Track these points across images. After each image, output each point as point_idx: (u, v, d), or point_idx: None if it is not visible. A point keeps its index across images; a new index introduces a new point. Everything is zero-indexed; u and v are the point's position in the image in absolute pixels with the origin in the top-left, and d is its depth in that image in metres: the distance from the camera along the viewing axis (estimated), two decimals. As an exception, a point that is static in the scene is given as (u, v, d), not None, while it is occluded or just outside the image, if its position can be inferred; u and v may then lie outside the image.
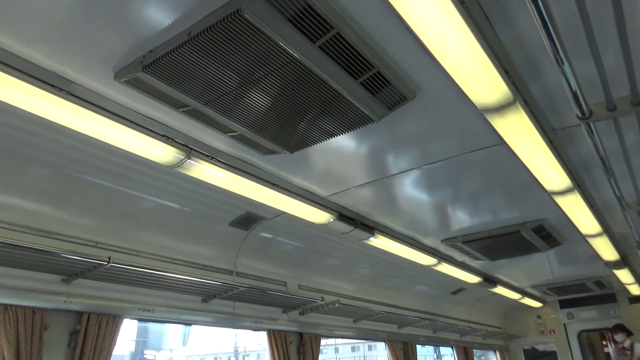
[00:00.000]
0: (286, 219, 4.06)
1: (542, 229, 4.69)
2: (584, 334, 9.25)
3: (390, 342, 6.33)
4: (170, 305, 3.77)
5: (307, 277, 5.14)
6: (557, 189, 3.41)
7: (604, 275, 7.35)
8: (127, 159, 2.97)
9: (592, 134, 2.05)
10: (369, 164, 3.51)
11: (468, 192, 4.20)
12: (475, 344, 8.54)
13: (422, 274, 6.22)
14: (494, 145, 3.13)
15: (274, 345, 4.54)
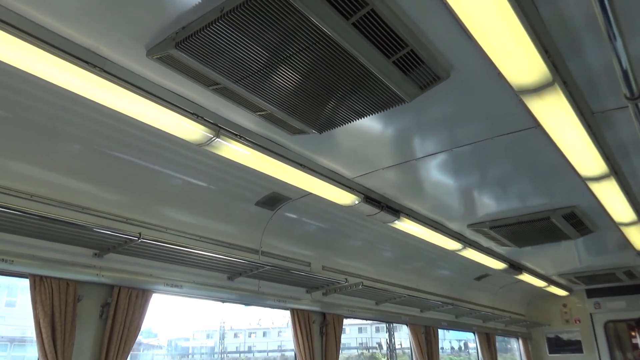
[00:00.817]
0: (312, 199, 4.06)
1: (574, 216, 4.59)
2: (610, 324, 9.08)
3: (412, 325, 6.33)
4: (197, 282, 3.84)
5: (330, 258, 5.16)
6: (592, 174, 3.32)
7: (635, 265, 7.17)
8: (157, 137, 3.01)
9: (639, 116, 1.96)
10: (396, 146, 3.47)
11: (497, 176, 4.12)
12: (498, 330, 8.48)
13: (446, 258, 6.17)
14: (527, 129, 3.05)
15: (297, 325, 4.60)
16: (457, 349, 14.38)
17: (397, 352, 8.42)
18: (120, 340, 3.18)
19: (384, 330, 18.86)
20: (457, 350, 14.48)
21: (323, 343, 4.86)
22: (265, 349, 24.29)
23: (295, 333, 4.59)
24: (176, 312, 29.69)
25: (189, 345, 23.78)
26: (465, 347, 12.77)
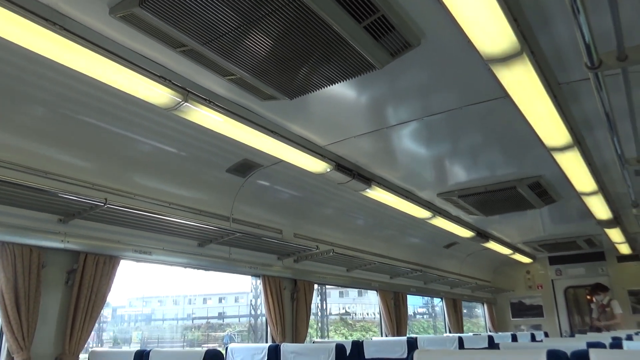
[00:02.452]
0: (283, 167, 4.05)
1: (539, 185, 4.71)
2: (570, 289, 9.51)
3: (382, 291, 6.49)
4: (166, 249, 3.82)
5: (302, 225, 5.19)
6: (557, 145, 3.40)
7: (595, 234, 7.46)
8: (124, 100, 2.92)
9: (600, 88, 2.00)
10: (368, 114, 3.47)
11: (467, 146, 4.18)
12: (464, 296, 8.77)
13: (416, 226, 6.29)
14: (496, 99, 3.08)
15: (268, 291, 4.65)
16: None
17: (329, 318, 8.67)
18: (87, 306, 3.16)
19: (366, 294, 19.24)
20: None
21: (294, 308, 4.94)
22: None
23: (266, 299, 4.65)
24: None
25: (124, 312, 23.89)
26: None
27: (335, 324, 20.68)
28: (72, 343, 3.07)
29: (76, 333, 3.08)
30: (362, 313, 23.10)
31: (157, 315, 25.25)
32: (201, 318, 23.95)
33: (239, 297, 23.44)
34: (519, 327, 9.43)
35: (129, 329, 23.40)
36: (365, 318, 22.62)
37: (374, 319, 21.42)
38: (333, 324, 20.12)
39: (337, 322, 21.39)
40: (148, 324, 24.31)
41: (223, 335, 20.76)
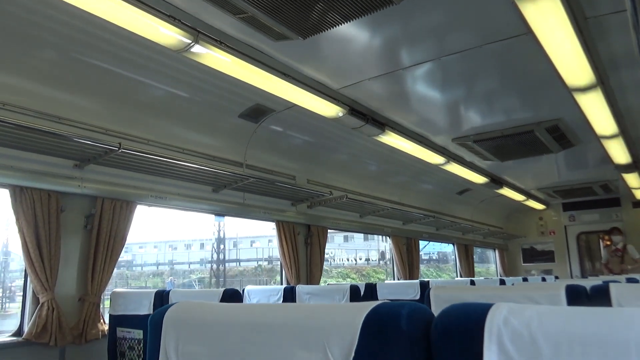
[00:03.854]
0: (296, 111, 3.99)
1: (557, 129, 4.60)
2: (582, 235, 9.52)
3: (395, 237, 6.55)
4: (181, 194, 3.85)
5: (315, 171, 5.19)
6: (579, 85, 3.28)
7: (611, 179, 7.37)
8: (135, 44, 2.85)
9: (637, 21, 1.88)
10: (382, 55, 3.36)
11: (483, 88, 4.06)
12: (476, 242, 8.84)
13: (430, 173, 6.25)
14: (518, 36, 2.94)
15: (282, 236, 4.71)
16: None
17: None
18: (107, 250, 3.23)
19: (372, 238, 19.35)
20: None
21: (308, 253, 5.01)
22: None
23: (280, 244, 4.72)
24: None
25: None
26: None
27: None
28: (94, 284, 3.16)
29: (97, 275, 3.17)
30: (343, 259, 23.09)
31: (137, 261, 25.87)
32: (163, 264, 24.41)
33: (205, 244, 23.61)
34: (530, 272, 9.54)
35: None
36: (344, 264, 22.65)
37: (354, 265, 21.57)
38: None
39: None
40: (130, 270, 25.08)
41: (184, 281, 21.29)
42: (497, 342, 0.60)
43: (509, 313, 0.62)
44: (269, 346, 0.80)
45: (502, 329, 0.61)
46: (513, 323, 0.60)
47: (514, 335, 0.60)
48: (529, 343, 0.58)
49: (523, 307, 0.63)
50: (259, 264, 21.40)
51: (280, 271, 4.92)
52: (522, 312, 0.61)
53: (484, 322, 0.62)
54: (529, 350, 0.58)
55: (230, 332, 0.87)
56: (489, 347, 0.61)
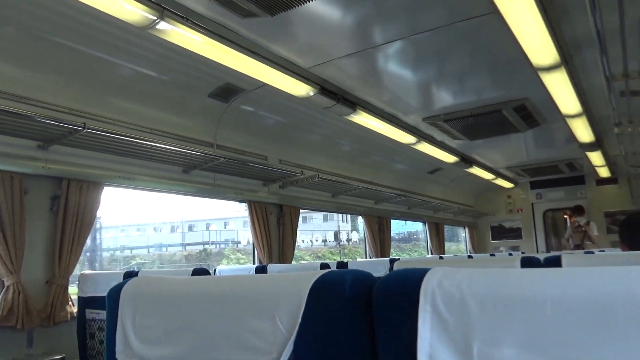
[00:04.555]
0: (267, 91, 3.95)
1: (524, 108, 4.70)
2: (549, 212, 9.82)
3: (367, 216, 6.63)
4: (151, 175, 3.80)
5: (288, 151, 5.18)
6: (544, 64, 3.34)
7: (576, 158, 7.59)
8: (100, 21, 2.77)
9: (593, 5, 1.93)
10: (353, 33, 3.34)
11: (453, 68, 4.11)
12: (447, 220, 9.02)
13: (402, 153, 6.32)
14: (485, 14, 2.97)
15: (254, 216, 4.71)
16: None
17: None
18: (74, 232, 3.17)
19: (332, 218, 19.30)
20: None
21: (280, 233, 5.04)
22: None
23: (252, 224, 4.72)
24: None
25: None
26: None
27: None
28: (62, 267, 3.11)
29: (65, 257, 3.12)
30: (299, 240, 22.80)
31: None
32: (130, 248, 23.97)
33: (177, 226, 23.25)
34: (498, 248, 9.81)
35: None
36: (300, 246, 22.38)
37: (310, 246, 21.57)
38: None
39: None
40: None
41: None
42: (431, 302, 0.64)
43: (443, 276, 0.66)
44: (221, 316, 0.82)
45: (436, 291, 0.65)
46: (445, 285, 0.64)
47: (446, 296, 0.63)
48: (458, 303, 0.62)
49: (456, 270, 0.67)
50: (205, 247, 21.30)
51: (252, 251, 4.93)
52: (454, 275, 0.65)
53: (420, 285, 0.66)
54: (458, 310, 0.62)
55: (184, 304, 0.89)
56: (424, 307, 0.65)
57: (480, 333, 0.60)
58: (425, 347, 0.63)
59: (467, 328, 0.61)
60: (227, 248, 9.21)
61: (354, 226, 10.37)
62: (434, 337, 0.63)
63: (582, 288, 0.56)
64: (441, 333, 0.62)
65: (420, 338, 0.63)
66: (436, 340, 0.62)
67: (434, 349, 0.62)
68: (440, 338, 0.62)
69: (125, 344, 0.93)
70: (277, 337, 0.75)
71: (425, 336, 0.63)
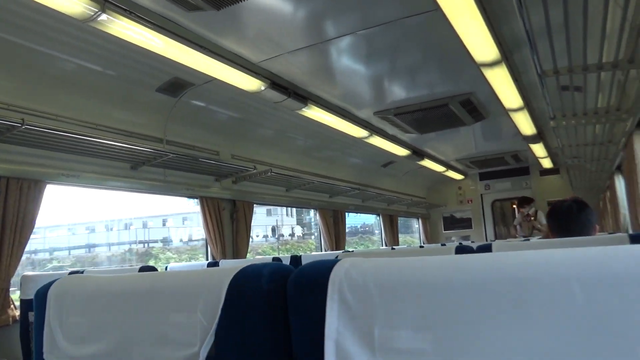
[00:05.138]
0: (217, 86, 3.91)
1: (470, 102, 4.86)
2: (497, 202, 10.22)
3: (322, 209, 6.69)
4: (97, 172, 3.70)
5: (240, 146, 5.15)
6: (486, 60, 3.48)
7: (521, 150, 7.92)
8: (40, 13, 2.67)
9: (520, 5, 2.03)
10: (303, 27, 3.36)
11: (402, 63, 4.19)
12: (400, 212, 9.22)
13: (356, 147, 6.40)
14: (429, 11, 3.06)
15: (207, 212, 4.67)
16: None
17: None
18: (14, 232, 3.05)
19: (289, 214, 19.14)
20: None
21: (233, 229, 5.01)
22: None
23: (205, 220, 4.68)
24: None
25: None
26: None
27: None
28: (2, 269, 2.99)
29: (5, 259, 3.00)
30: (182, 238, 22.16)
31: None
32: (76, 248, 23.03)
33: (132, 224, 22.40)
34: (450, 238, 10.13)
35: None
36: (189, 243, 21.59)
37: (251, 242, 20.84)
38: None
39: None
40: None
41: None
42: (338, 291, 0.68)
43: (351, 266, 0.70)
44: (145, 312, 0.84)
45: (343, 281, 0.69)
46: (352, 274, 0.69)
47: (352, 285, 0.68)
48: (363, 291, 0.67)
49: (364, 260, 0.72)
50: (131, 247, 20.59)
51: (205, 248, 4.89)
52: (361, 264, 0.70)
53: (329, 276, 0.70)
54: (362, 297, 0.67)
55: (110, 302, 0.89)
56: (332, 296, 0.69)
57: (381, 318, 0.64)
58: (332, 333, 0.67)
59: (370, 314, 0.65)
60: (155, 247, 8.87)
61: (300, 220, 10.31)
62: (340, 323, 0.67)
63: (467, 273, 0.61)
64: (347, 319, 0.67)
65: (328, 325, 0.67)
66: (342, 326, 0.66)
67: (340, 335, 0.66)
68: (346, 324, 0.66)
69: (52, 343, 0.92)
70: (198, 330, 0.77)
71: (332, 323, 0.67)
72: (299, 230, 10.38)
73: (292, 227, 10.40)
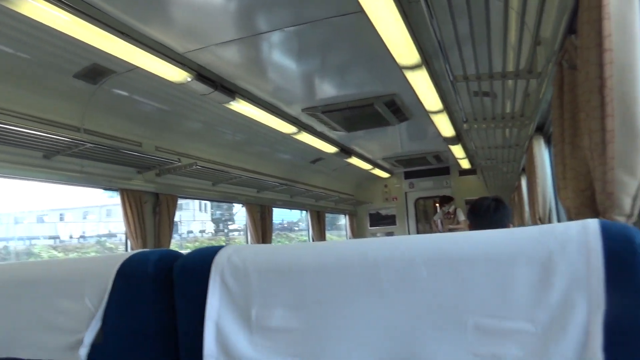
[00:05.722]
0: (140, 75, 3.79)
1: (394, 103, 5.05)
2: (420, 200, 10.69)
3: (249, 204, 6.67)
4: (4, 160, 3.47)
5: (166, 138, 5.02)
6: (407, 63, 3.63)
7: (442, 151, 8.33)
8: None
9: (431, 15, 2.16)
10: (233, 19, 3.33)
11: (332, 62, 4.27)
12: (328, 208, 9.39)
13: (285, 143, 6.44)
14: (356, 12, 3.14)
15: (127, 205, 4.52)
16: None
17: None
18: None
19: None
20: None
21: (156, 222, 4.88)
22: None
23: (125, 213, 4.52)
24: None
25: None
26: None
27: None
28: None
29: None
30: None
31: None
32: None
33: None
34: (375, 234, 10.45)
35: None
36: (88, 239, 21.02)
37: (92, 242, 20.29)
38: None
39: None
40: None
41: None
42: (220, 275, 0.74)
43: (234, 252, 0.76)
44: (31, 300, 0.84)
45: (225, 266, 0.74)
46: (234, 260, 0.74)
47: (233, 269, 0.73)
48: (243, 275, 0.73)
49: (245, 247, 0.78)
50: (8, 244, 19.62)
51: (125, 242, 4.73)
52: (242, 250, 0.76)
53: (212, 261, 0.75)
54: (242, 280, 0.73)
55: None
56: (214, 279, 0.74)
57: (259, 299, 0.71)
58: (212, 314, 0.72)
59: (249, 295, 0.71)
60: (37, 245, 8.27)
61: (224, 216, 10.11)
62: (221, 305, 0.72)
63: (332, 257, 0.69)
64: (228, 301, 0.72)
65: (209, 306, 0.72)
66: (223, 307, 0.72)
67: (220, 316, 0.72)
68: (227, 305, 0.72)
69: None
70: (86, 316, 0.78)
71: (213, 304, 0.72)
72: (211, 227, 10.14)
73: (204, 223, 10.13)
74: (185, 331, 0.76)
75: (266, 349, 0.67)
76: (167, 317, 0.78)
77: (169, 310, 0.78)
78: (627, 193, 1.21)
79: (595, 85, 1.19)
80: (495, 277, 0.60)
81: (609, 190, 1.22)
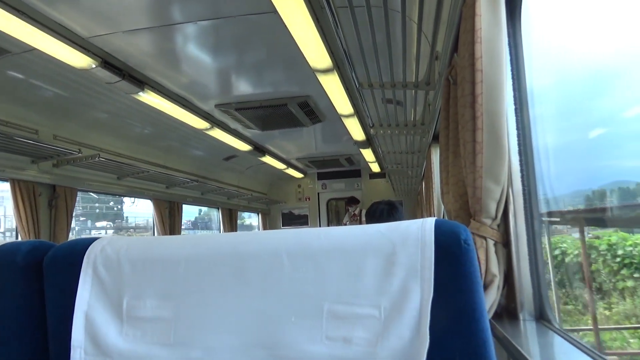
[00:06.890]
0: (39, 57, 3.54)
1: (307, 104, 5.15)
2: (332, 201, 10.96)
3: (157, 200, 6.45)
4: None
5: (66, 127, 4.72)
6: (319, 67, 3.73)
7: (353, 153, 8.61)
8: None
9: (336, 25, 2.26)
10: (143, 6, 3.21)
11: (247, 59, 4.26)
12: (240, 206, 9.32)
13: (198, 138, 6.31)
14: (267, 12, 3.19)
15: (19, 197, 4.19)
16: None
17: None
18: None
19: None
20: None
21: (52, 216, 4.58)
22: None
23: (16, 206, 4.19)
24: None
25: None
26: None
27: None
28: None
29: None
30: None
31: None
32: None
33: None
34: (287, 234, 10.54)
35: None
36: None
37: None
38: None
39: None
40: None
41: None
42: (92, 266, 0.75)
43: (108, 244, 0.78)
44: None
45: (97, 256, 0.76)
46: (107, 251, 0.77)
47: (106, 260, 0.75)
48: (116, 265, 0.75)
49: (120, 238, 0.80)
50: None
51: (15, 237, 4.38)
52: (117, 242, 0.78)
53: (85, 252, 0.77)
54: (115, 271, 0.75)
55: None
56: (86, 270, 0.76)
57: (131, 289, 0.73)
58: (82, 305, 0.73)
59: (121, 286, 0.74)
60: None
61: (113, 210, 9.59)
62: (92, 295, 0.74)
63: (201, 249, 0.74)
64: (99, 292, 0.74)
65: (79, 297, 0.73)
66: (94, 298, 0.73)
67: (91, 307, 0.73)
68: (98, 296, 0.74)
69: None
70: None
71: (84, 295, 0.74)
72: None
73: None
74: (54, 322, 0.75)
75: (137, 338, 0.69)
76: (36, 309, 0.77)
77: (39, 301, 0.78)
78: (492, 198, 1.38)
79: (469, 101, 1.34)
80: (349, 267, 0.68)
81: (478, 196, 1.37)
